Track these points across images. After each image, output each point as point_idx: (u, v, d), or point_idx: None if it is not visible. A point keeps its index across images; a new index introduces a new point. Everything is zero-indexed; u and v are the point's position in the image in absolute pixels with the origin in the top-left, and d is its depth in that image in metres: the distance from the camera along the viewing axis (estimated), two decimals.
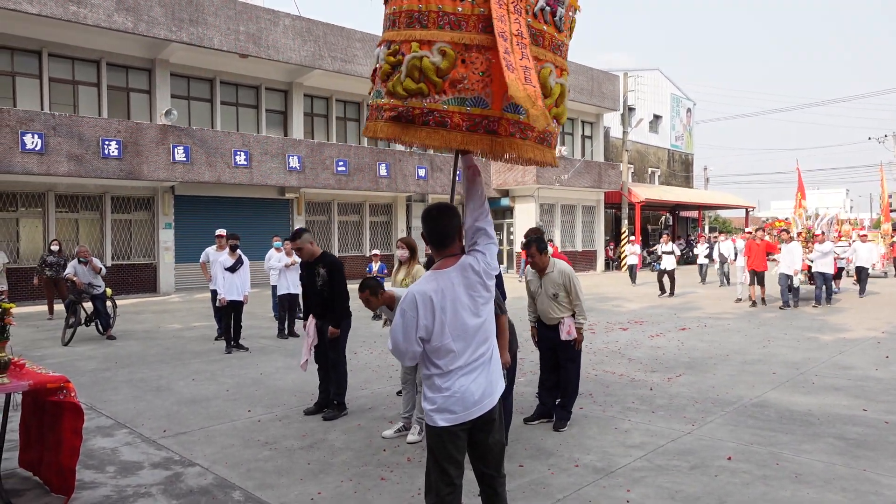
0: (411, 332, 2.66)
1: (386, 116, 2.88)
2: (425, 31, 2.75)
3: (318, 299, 5.82)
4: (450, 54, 2.71)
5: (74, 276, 9.76)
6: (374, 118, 3.01)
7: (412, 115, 2.79)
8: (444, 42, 2.71)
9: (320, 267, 5.77)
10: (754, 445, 4.81)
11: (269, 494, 4.02)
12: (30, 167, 14.44)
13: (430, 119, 2.77)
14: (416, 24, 2.77)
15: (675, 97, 35.96)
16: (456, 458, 2.74)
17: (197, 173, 16.96)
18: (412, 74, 2.74)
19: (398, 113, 2.82)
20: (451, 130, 2.77)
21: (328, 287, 5.75)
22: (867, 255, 16.33)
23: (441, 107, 2.74)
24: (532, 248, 5.26)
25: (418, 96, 2.76)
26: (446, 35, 2.72)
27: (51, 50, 16.13)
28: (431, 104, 2.76)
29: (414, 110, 2.78)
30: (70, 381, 3.94)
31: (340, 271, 5.80)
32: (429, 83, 2.73)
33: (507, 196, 25.50)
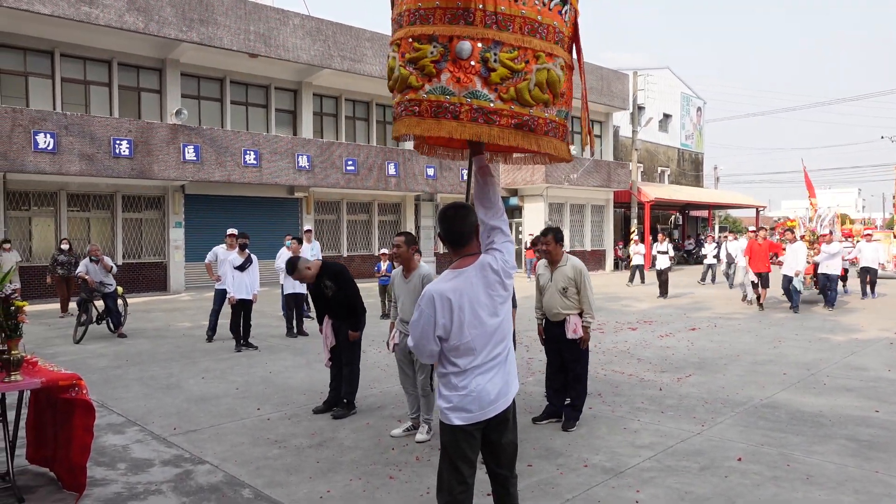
0: (429, 329, 2.66)
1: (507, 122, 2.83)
2: (546, 43, 2.87)
3: (331, 308, 5.81)
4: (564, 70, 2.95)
5: (86, 275, 9.84)
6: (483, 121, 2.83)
7: (536, 124, 2.88)
8: (561, 58, 2.93)
9: (325, 280, 5.74)
10: (765, 446, 4.78)
11: (279, 492, 4.03)
12: (42, 166, 14.57)
13: (549, 129, 2.95)
14: (537, 35, 2.84)
15: (685, 96, 35.77)
16: (469, 457, 2.75)
17: (207, 172, 17.04)
18: (541, 84, 2.83)
19: (522, 121, 2.85)
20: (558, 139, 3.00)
21: (340, 294, 5.73)
22: (873, 255, 15.59)
23: (554, 118, 2.96)
24: (549, 237, 5.27)
25: (541, 105, 2.87)
26: (561, 52, 2.94)
27: (63, 50, 16.26)
28: (550, 115, 2.93)
29: (538, 119, 2.88)
30: (82, 379, 3.97)
31: (345, 275, 5.79)
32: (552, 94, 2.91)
33: (516, 195, 25.47)
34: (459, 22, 2.77)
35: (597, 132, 29.21)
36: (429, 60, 2.81)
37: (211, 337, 9.67)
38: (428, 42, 2.82)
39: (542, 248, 5.33)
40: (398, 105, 3.07)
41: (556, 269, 5.28)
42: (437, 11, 2.81)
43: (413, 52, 2.87)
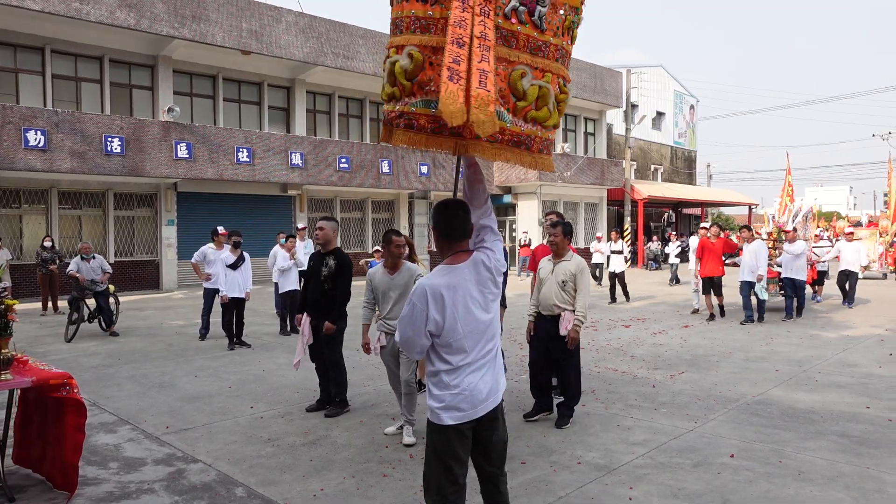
0: (420, 324, 2.65)
1: (383, 121, 3.03)
2: (400, 36, 2.82)
3: (317, 291, 5.71)
4: (417, 57, 2.76)
5: (77, 273, 9.78)
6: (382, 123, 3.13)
7: (390, 118, 2.88)
8: (412, 45, 2.78)
9: (331, 258, 5.70)
10: (757, 443, 4.80)
11: (272, 491, 4.02)
12: (33, 164, 14.46)
13: (401, 122, 2.84)
14: (396, 31, 2.85)
15: (679, 94, 35.86)
16: (462, 456, 2.74)
17: (199, 170, 16.97)
18: (389, 79, 2.83)
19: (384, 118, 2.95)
20: (418, 132, 2.83)
21: (332, 280, 5.67)
22: (854, 257, 13.55)
23: (409, 109, 2.80)
24: (558, 229, 5.33)
25: (393, 100, 2.85)
26: (415, 38, 2.79)
27: (53, 46, 16.14)
28: (402, 107, 2.83)
29: (390, 114, 2.87)
30: (73, 378, 3.94)
31: (349, 269, 5.76)
32: (400, 86, 2.80)
33: (510, 193, 25.49)
34: None
35: (590, 130, 29.27)
36: None
37: (204, 335, 9.62)
38: None
39: (551, 238, 5.37)
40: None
41: (559, 263, 5.31)
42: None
43: None
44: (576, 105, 27.02)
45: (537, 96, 2.85)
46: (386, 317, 5.06)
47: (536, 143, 2.95)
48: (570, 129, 28.10)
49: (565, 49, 3.00)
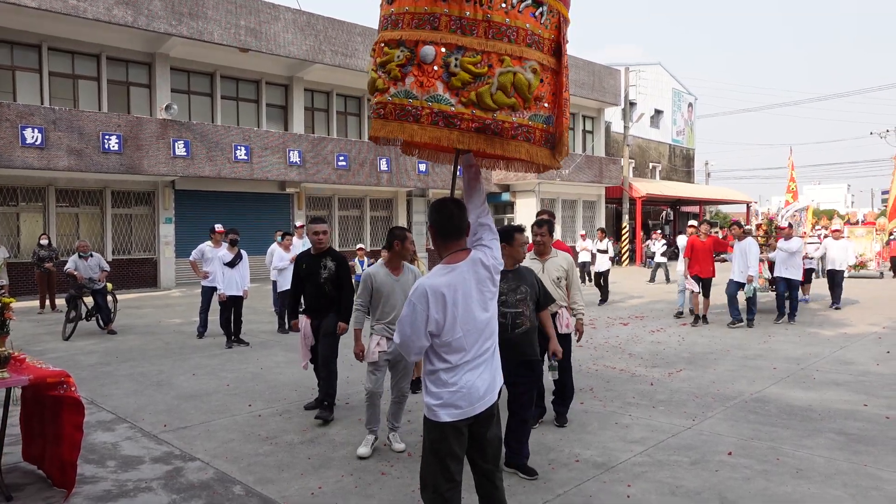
0: (421, 325, 2.64)
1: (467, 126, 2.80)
2: (514, 46, 2.82)
3: (318, 293, 5.55)
4: (538, 73, 2.85)
5: (75, 271, 9.76)
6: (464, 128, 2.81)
7: (501, 128, 2.82)
8: (534, 61, 2.84)
9: (329, 259, 5.54)
10: (755, 440, 4.81)
11: (270, 489, 4.02)
12: (30, 162, 14.43)
13: (518, 134, 2.86)
14: (504, 38, 2.80)
15: (677, 92, 35.86)
16: (458, 453, 2.74)
17: (197, 168, 16.94)
18: (505, 88, 2.79)
19: (484, 125, 2.80)
20: (534, 145, 2.93)
21: (333, 281, 5.53)
22: (840, 256, 13.00)
23: (527, 122, 2.87)
24: (545, 228, 5.26)
25: (507, 109, 2.81)
26: (534, 54, 2.86)
27: (50, 44, 16.09)
28: (521, 119, 2.85)
29: (503, 124, 2.82)
30: (70, 376, 3.94)
31: (348, 267, 5.70)
32: (520, 99, 2.82)
33: (508, 191, 25.49)
34: (426, 27, 2.81)
35: (588, 128, 29.26)
36: (395, 64, 2.85)
37: (202, 333, 9.61)
38: (396, 46, 2.86)
39: (538, 239, 5.31)
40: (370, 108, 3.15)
41: (548, 261, 5.26)
42: (406, 16, 2.86)
43: (382, 57, 2.92)
44: (574, 103, 26.99)
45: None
46: (389, 321, 4.75)
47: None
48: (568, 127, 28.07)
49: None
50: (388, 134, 2.92)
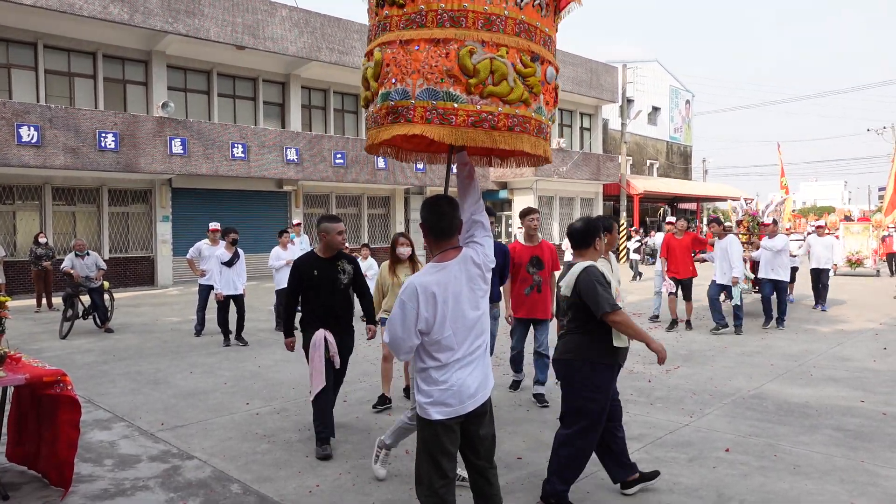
0: (411, 324, 2.64)
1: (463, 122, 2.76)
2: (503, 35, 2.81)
3: (340, 300, 4.73)
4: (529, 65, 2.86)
5: (71, 269, 9.73)
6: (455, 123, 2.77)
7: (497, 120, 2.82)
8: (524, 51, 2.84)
9: (346, 262, 4.82)
10: (752, 437, 4.81)
11: (268, 487, 4.01)
12: (26, 160, 14.39)
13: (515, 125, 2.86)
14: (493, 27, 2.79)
15: (674, 89, 35.87)
16: (450, 450, 2.75)
17: (194, 166, 16.91)
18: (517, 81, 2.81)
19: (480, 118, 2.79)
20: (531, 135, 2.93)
21: (353, 286, 4.88)
22: (825, 254, 12.11)
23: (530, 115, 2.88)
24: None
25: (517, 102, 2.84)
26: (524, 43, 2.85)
27: (46, 41, 16.03)
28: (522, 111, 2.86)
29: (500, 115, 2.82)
30: (67, 375, 3.92)
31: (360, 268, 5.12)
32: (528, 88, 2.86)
33: (506, 188, 25.48)
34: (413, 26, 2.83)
35: (586, 125, 29.27)
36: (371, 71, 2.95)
37: (199, 332, 9.59)
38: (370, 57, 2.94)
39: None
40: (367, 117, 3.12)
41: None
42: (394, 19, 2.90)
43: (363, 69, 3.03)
44: (571, 100, 27.02)
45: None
46: None
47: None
48: (566, 124, 28.08)
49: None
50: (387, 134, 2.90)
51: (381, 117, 2.89)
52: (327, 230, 4.70)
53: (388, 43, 2.84)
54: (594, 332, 3.59)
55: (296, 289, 4.75)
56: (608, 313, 3.45)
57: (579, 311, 3.62)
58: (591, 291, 3.52)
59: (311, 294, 4.68)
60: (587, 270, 3.61)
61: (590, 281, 3.54)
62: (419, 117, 2.78)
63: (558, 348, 3.78)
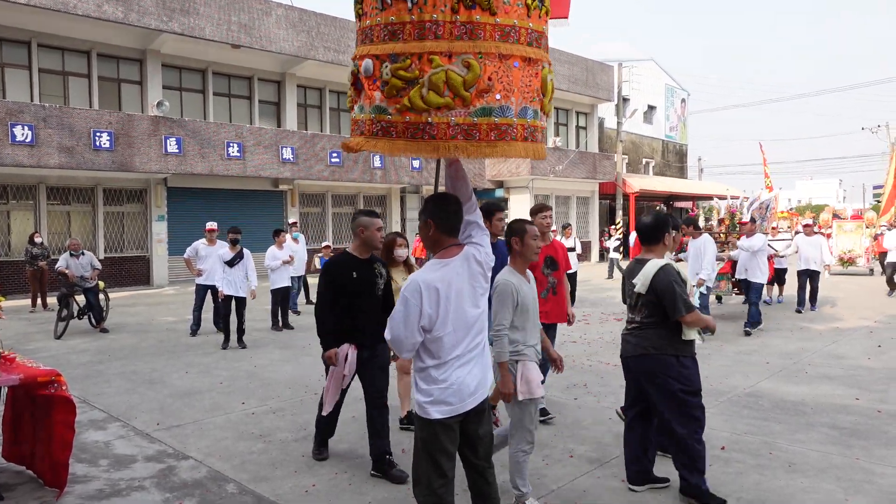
0: (414, 320, 2.63)
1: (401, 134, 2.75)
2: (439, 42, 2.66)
3: (376, 310, 4.14)
4: (474, 65, 2.66)
5: (66, 269, 9.69)
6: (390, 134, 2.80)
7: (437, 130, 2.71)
8: (467, 54, 2.67)
9: (380, 265, 4.30)
10: (748, 435, 4.82)
11: (264, 487, 4.00)
12: (20, 159, 14.32)
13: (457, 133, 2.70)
14: (429, 36, 2.68)
15: (670, 87, 35.91)
16: (449, 450, 2.74)
17: (189, 165, 16.86)
18: (437, 88, 2.66)
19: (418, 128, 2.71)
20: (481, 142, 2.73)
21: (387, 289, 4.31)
22: (815, 254, 11.55)
23: (472, 120, 2.70)
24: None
25: (444, 109, 2.68)
26: (461, 47, 2.67)
27: (40, 40, 15.95)
28: (459, 118, 2.68)
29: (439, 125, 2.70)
30: (61, 375, 3.91)
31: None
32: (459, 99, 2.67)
33: (502, 187, 25.48)
34: (366, 41, 2.86)
35: (582, 124, 29.28)
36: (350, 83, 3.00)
37: (195, 332, 9.55)
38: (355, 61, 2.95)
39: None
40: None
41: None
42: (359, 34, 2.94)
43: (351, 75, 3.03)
44: (567, 99, 27.02)
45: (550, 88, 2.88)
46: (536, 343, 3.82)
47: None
48: (561, 122, 28.10)
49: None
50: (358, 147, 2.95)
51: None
52: (366, 225, 4.09)
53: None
54: (673, 326, 3.66)
55: (331, 295, 4.04)
56: (684, 316, 3.58)
57: (655, 307, 3.67)
58: (669, 293, 3.60)
59: (346, 301, 4.04)
60: (664, 270, 3.63)
61: (668, 282, 3.60)
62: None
63: (631, 343, 3.80)
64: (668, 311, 3.61)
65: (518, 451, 3.59)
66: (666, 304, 3.60)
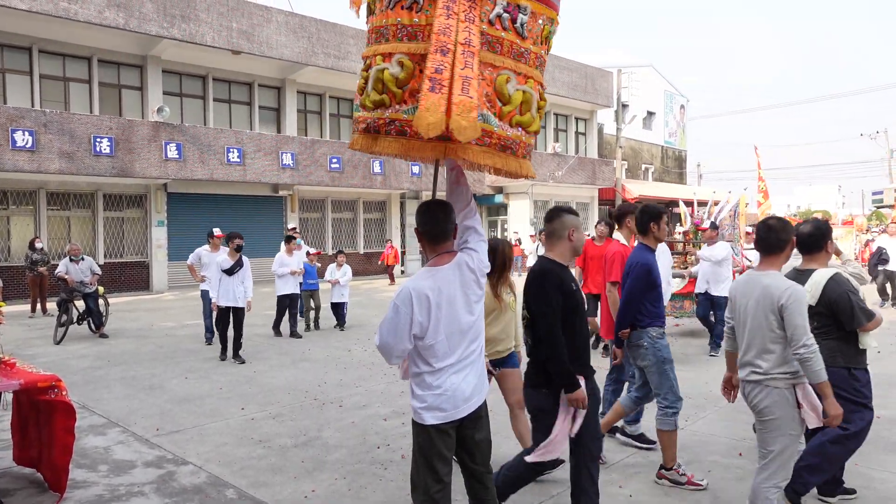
0: (404, 328, 2.64)
1: (359, 129, 2.97)
2: (387, 44, 2.83)
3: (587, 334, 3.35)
4: (407, 65, 2.74)
5: (66, 275, 9.69)
6: (353, 131, 3.10)
7: (377, 125, 2.85)
8: (401, 53, 2.77)
9: None
10: (747, 441, 4.82)
11: (263, 492, 4.00)
12: (20, 165, 14.35)
13: (391, 129, 2.82)
14: (381, 39, 2.86)
15: (669, 94, 36.03)
16: (446, 455, 2.75)
17: (190, 170, 16.89)
18: (376, 87, 2.81)
19: (367, 125, 2.90)
20: (410, 139, 2.81)
21: None
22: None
23: (402, 116, 2.78)
24: None
25: (381, 107, 2.83)
26: (403, 46, 2.79)
27: (41, 46, 16.01)
28: (393, 114, 2.80)
29: (378, 121, 2.84)
30: (61, 380, 3.92)
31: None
32: (390, 94, 2.79)
33: (502, 193, 25.52)
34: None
35: (581, 130, 29.35)
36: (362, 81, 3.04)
37: (210, 339, 9.23)
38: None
39: None
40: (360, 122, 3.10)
41: None
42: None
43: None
44: (567, 105, 27.11)
45: (521, 101, 2.83)
46: None
47: (521, 147, 2.91)
48: (561, 128, 28.17)
49: (542, 57, 3.00)
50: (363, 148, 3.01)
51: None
52: (577, 226, 3.29)
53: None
54: (845, 337, 3.50)
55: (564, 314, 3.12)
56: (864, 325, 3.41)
57: (824, 318, 3.49)
58: (845, 303, 3.43)
59: (575, 320, 3.18)
60: (835, 279, 3.46)
61: (842, 292, 3.43)
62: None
63: None
64: (844, 323, 3.43)
65: (772, 486, 3.15)
66: (842, 315, 3.42)
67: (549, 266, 3.20)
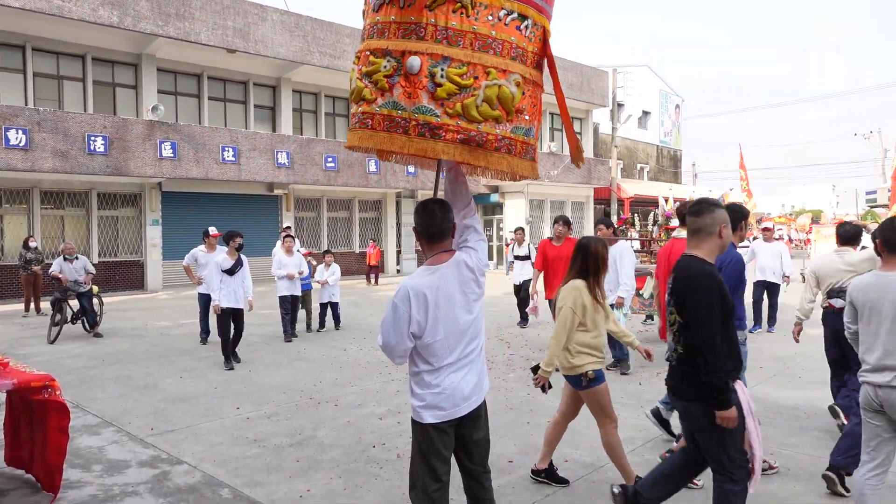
0: (403, 327, 2.64)
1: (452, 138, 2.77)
2: (500, 59, 2.81)
3: None
4: (521, 86, 2.84)
5: (59, 274, 9.65)
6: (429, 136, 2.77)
7: (485, 140, 2.81)
8: (517, 74, 2.83)
9: None
10: None
11: (258, 492, 4.00)
12: (14, 163, 14.28)
13: (501, 146, 2.84)
14: (489, 51, 2.80)
15: (664, 93, 36.11)
16: (444, 454, 2.75)
17: (184, 169, 16.84)
18: (490, 100, 2.78)
19: (468, 136, 2.78)
20: (515, 157, 2.91)
21: None
22: (773, 264, 9.84)
23: (509, 134, 2.85)
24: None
25: (492, 121, 2.80)
26: (518, 67, 2.85)
27: (35, 44, 15.93)
28: (503, 131, 2.83)
29: (488, 135, 2.80)
30: (55, 380, 3.89)
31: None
32: (504, 111, 2.82)
33: (497, 192, 25.53)
34: (412, 37, 2.78)
35: (577, 129, 29.38)
36: (382, 75, 2.83)
37: (205, 339, 9.19)
38: (382, 56, 2.84)
39: None
40: (353, 116, 3.06)
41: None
42: (392, 26, 2.83)
43: (368, 66, 2.89)
44: None
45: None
46: None
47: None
48: (556, 128, 28.19)
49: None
50: (377, 145, 2.88)
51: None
52: (726, 220, 3.08)
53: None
54: None
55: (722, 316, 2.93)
56: None
57: None
58: None
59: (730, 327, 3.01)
60: None
61: None
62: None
63: None
64: None
65: None
66: None
67: (708, 268, 2.99)
